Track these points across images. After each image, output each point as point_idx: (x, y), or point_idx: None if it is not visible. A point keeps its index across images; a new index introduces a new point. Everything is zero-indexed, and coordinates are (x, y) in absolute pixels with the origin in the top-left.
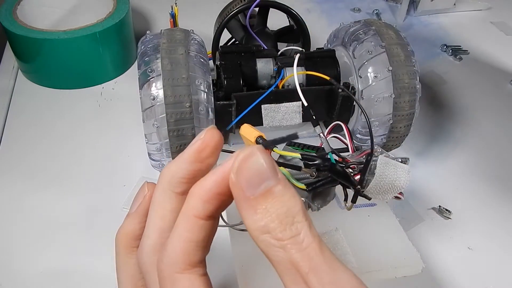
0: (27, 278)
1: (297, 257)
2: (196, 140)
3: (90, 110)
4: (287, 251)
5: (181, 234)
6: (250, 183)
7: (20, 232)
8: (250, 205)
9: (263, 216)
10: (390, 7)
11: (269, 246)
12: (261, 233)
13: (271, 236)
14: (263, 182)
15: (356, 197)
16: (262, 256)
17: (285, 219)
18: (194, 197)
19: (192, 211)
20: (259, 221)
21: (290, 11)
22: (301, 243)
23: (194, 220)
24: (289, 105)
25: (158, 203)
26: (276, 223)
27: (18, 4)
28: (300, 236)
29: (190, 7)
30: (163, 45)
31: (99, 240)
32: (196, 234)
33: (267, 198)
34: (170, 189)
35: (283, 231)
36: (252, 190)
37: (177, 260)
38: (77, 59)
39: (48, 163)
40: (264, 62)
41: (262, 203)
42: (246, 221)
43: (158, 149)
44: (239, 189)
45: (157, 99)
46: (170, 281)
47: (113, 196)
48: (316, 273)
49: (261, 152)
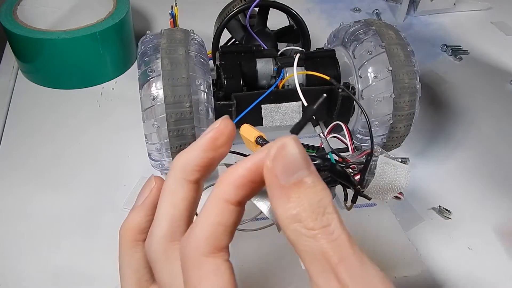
0: (27, 278)
1: (327, 247)
2: (210, 129)
3: (90, 110)
4: (318, 240)
5: (210, 218)
6: (285, 171)
7: (20, 232)
8: (283, 193)
9: (296, 205)
10: (390, 7)
11: (299, 235)
12: (292, 222)
13: (302, 225)
14: (297, 171)
15: (356, 197)
16: (262, 256)
17: (317, 209)
18: (226, 182)
19: (223, 196)
20: (291, 210)
21: (290, 11)
22: (331, 233)
23: (225, 204)
24: (289, 105)
25: (170, 191)
26: (308, 213)
27: (18, 4)
28: (331, 226)
29: (190, 7)
30: (163, 45)
31: (99, 240)
32: (226, 218)
33: (301, 187)
34: (183, 177)
35: (315, 220)
36: (287, 178)
37: (204, 243)
38: (77, 59)
39: (48, 163)
40: (264, 62)
41: (296, 191)
42: (277, 209)
43: (158, 149)
44: (273, 176)
45: (157, 99)
46: (195, 264)
47: (113, 196)
48: (346, 264)
49: (297, 142)
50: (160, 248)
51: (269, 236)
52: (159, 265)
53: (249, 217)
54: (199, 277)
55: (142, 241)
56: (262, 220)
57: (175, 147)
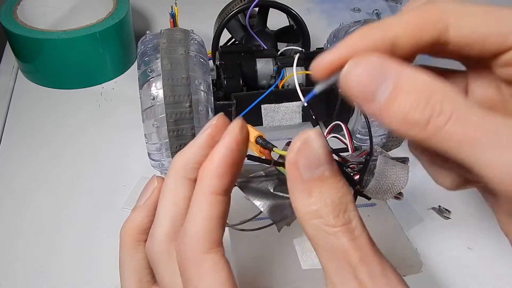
0: (27, 278)
1: (348, 245)
2: (208, 126)
3: (90, 110)
4: (338, 238)
5: (201, 213)
6: (309, 165)
7: (20, 232)
8: (305, 187)
9: (317, 200)
10: (390, 7)
11: (319, 231)
12: (312, 217)
13: (323, 222)
14: (320, 166)
15: (355, 197)
16: (262, 256)
17: (339, 206)
18: (207, 174)
19: (209, 188)
20: (312, 205)
21: (290, 11)
22: (353, 231)
23: (212, 196)
24: (289, 105)
25: (171, 190)
26: (330, 209)
27: (18, 4)
28: (352, 224)
29: (190, 7)
30: (163, 45)
31: (99, 240)
32: (216, 210)
33: (323, 182)
34: (183, 176)
35: (336, 217)
36: (309, 172)
37: (200, 240)
38: (77, 59)
39: (48, 163)
40: (264, 62)
41: (318, 186)
42: (297, 203)
43: (158, 149)
44: (295, 169)
45: (157, 99)
46: (194, 262)
47: (113, 196)
48: (367, 263)
49: (321, 136)
50: (162, 249)
51: (269, 236)
52: (161, 266)
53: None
54: (199, 275)
55: (144, 241)
56: (262, 220)
57: (175, 147)
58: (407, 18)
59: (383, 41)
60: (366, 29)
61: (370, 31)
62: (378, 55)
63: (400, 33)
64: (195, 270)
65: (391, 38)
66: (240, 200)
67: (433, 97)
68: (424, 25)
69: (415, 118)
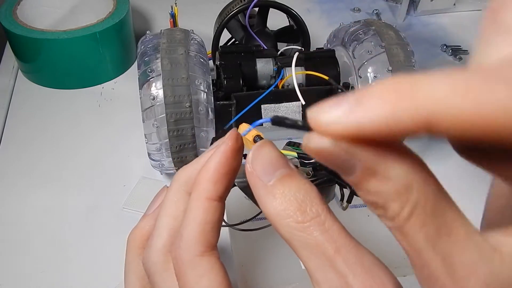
0: (27, 278)
1: (321, 238)
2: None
3: (90, 110)
4: (310, 233)
5: (196, 217)
6: (266, 171)
7: (19, 232)
8: (268, 191)
9: (282, 200)
10: (390, 7)
11: (291, 230)
12: (281, 218)
13: (292, 220)
14: (277, 170)
15: (351, 197)
16: (262, 256)
17: (304, 201)
18: (203, 180)
19: (204, 194)
20: (278, 206)
21: (290, 11)
22: (323, 224)
23: (208, 202)
24: (289, 105)
25: (171, 203)
26: (295, 206)
27: (18, 4)
28: (321, 217)
29: (190, 7)
30: (163, 45)
31: (99, 240)
32: (211, 215)
33: (284, 182)
34: (185, 190)
35: (304, 213)
36: (269, 177)
37: (196, 243)
38: (77, 59)
39: (48, 163)
40: (264, 62)
41: (279, 187)
42: (266, 208)
43: (158, 149)
44: (256, 178)
45: (157, 99)
46: (190, 265)
47: (113, 196)
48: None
49: (271, 144)
50: (159, 259)
51: (268, 236)
52: (157, 276)
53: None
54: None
55: None
56: (262, 220)
57: (174, 147)
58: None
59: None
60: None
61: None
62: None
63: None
64: (192, 273)
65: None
66: (240, 200)
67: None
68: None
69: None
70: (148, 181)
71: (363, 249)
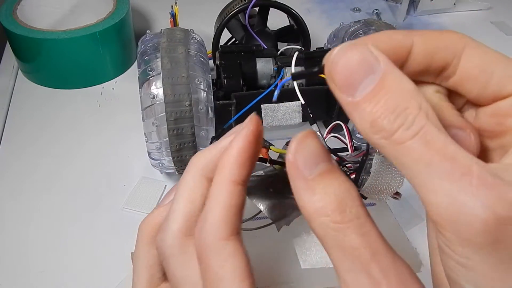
0: (27, 278)
1: (358, 242)
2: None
3: (90, 110)
4: (347, 235)
5: (221, 201)
6: (308, 163)
7: (19, 232)
8: (307, 185)
9: (322, 197)
10: (390, 7)
11: (326, 229)
12: (319, 216)
13: (330, 219)
14: (319, 163)
15: None
16: (261, 256)
17: (344, 201)
18: (228, 164)
19: (229, 177)
20: (317, 202)
21: (290, 11)
22: (361, 227)
23: (233, 185)
24: (289, 104)
25: (189, 188)
26: (335, 205)
27: (18, 4)
28: (360, 220)
29: (190, 7)
30: (163, 44)
31: (99, 240)
32: (236, 199)
33: (325, 178)
34: (203, 175)
35: (343, 213)
36: (310, 170)
37: (221, 226)
38: (77, 59)
39: (48, 163)
40: (264, 61)
41: (320, 183)
42: (302, 202)
43: (158, 148)
44: (296, 169)
45: (157, 98)
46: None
47: (113, 196)
48: (379, 260)
49: (315, 135)
50: (175, 242)
51: (268, 235)
52: (174, 258)
53: (249, 216)
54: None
55: None
56: (262, 220)
57: (174, 146)
58: (429, 32)
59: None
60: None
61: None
62: (374, 47)
63: (418, 42)
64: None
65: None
66: None
67: (409, 109)
68: (441, 42)
69: (383, 125)
70: (148, 181)
71: (399, 258)
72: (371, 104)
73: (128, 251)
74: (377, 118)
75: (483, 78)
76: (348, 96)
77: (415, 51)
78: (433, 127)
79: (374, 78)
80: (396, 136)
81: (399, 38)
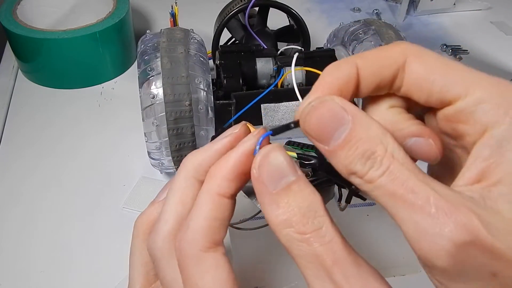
0: (27, 278)
1: (320, 250)
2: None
3: (90, 110)
4: (310, 244)
5: (205, 212)
6: (272, 178)
7: (19, 232)
8: (272, 199)
9: (285, 210)
10: (390, 7)
11: (291, 240)
12: (283, 227)
13: (294, 230)
14: (284, 177)
15: (350, 197)
16: (261, 255)
17: (307, 213)
18: (218, 176)
19: (217, 190)
20: (281, 215)
21: (290, 11)
22: (324, 236)
23: (219, 198)
24: (289, 104)
25: (180, 189)
26: (298, 217)
27: (18, 4)
28: (322, 229)
29: (190, 7)
30: (162, 44)
31: (99, 240)
32: (220, 212)
33: (289, 192)
34: (194, 176)
35: (306, 224)
36: (274, 185)
37: (202, 238)
38: (77, 59)
39: (48, 163)
40: (263, 61)
41: (284, 197)
42: (268, 216)
43: (158, 148)
44: (261, 183)
45: (157, 98)
46: (194, 259)
47: (113, 196)
48: (340, 266)
49: (281, 149)
50: (165, 245)
51: (268, 235)
52: (163, 262)
53: (248, 216)
54: (199, 273)
55: None
56: (262, 219)
57: (174, 145)
58: (370, 53)
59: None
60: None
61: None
62: (340, 98)
63: (363, 65)
64: (195, 268)
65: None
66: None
67: (377, 152)
68: (382, 59)
69: (356, 168)
70: (148, 180)
71: (361, 260)
72: (344, 151)
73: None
74: (350, 163)
75: (426, 87)
76: (324, 145)
77: (363, 75)
78: (398, 165)
79: (344, 128)
80: (367, 176)
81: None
